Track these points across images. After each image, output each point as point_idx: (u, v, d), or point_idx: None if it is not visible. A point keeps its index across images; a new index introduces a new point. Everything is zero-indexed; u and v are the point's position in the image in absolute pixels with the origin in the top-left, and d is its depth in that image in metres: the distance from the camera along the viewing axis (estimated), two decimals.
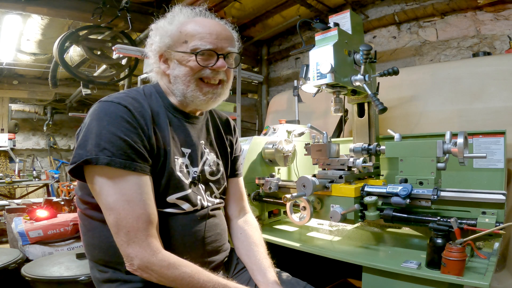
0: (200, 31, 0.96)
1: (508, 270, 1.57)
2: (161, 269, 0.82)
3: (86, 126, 0.84)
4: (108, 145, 0.80)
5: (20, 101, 7.72)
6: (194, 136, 1.04)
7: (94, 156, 0.79)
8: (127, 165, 0.81)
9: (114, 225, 0.81)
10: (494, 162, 1.36)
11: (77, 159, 0.80)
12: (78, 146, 0.82)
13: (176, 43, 0.97)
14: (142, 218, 0.81)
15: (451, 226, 1.00)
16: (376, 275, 1.07)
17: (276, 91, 4.61)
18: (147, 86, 1.03)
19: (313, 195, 1.25)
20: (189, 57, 0.96)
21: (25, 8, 3.09)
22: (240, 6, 3.73)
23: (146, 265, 0.81)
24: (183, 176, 0.96)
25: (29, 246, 2.43)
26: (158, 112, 0.96)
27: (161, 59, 1.00)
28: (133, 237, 0.80)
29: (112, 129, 0.81)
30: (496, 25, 2.71)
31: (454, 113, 1.90)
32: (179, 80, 0.98)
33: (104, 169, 0.80)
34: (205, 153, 1.07)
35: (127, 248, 0.81)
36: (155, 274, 0.82)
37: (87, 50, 3.59)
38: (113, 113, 0.84)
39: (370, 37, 3.52)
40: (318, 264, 1.49)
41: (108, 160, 0.79)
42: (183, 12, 1.01)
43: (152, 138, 0.89)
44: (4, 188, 5.84)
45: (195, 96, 0.98)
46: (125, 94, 0.92)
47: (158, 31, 0.99)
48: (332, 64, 1.21)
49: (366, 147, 1.41)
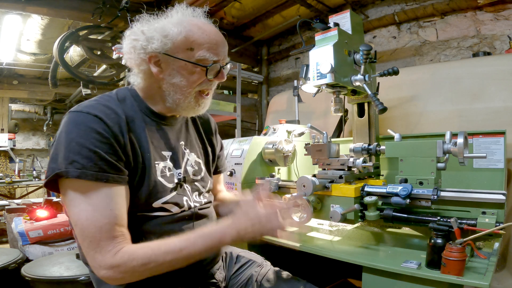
0: (207, 41, 0.92)
1: (508, 270, 1.57)
2: (125, 265, 0.77)
3: (57, 139, 0.82)
4: (77, 158, 0.78)
5: (20, 101, 7.72)
6: (173, 138, 1.03)
7: (64, 170, 0.77)
8: (99, 177, 0.79)
9: (79, 235, 0.80)
10: (494, 162, 1.35)
11: (49, 173, 0.79)
12: (50, 160, 0.81)
13: (178, 49, 0.91)
14: (104, 228, 0.78)
15: (451, 226, 1.00)
16: (376, 275, 1.06)
17: (276, 91, 4.61)
18: (121, 90, 0.98)
19: (313, 195, 1.25)
20: (194, 68, 0.92)
21: (25, 8, 3.09)
22: (240, 6, 3.73)
23: (109, 269, 0.77)
24: (165, 181, 0.95)
25: (29, 246, 2.43)
26: (133, 118, 0.92)
27: (152, 61, 0.93)
28: (94, 247, 0.78)
29: (81, 141, 0.79)
30: (496, 25, 2.71)
31: (454, 113, 1.90)
32: (178, 90, 0.94)
33: (74, 182, 0.79)
34: (186, 154, 1.06)
35: (91, 259, 0.79)
36: (121, 274, 0.78)
37: (87, 50, 3.59)
38: (82, 124, 0.81)
39: (370, 37, 3.52)
40: (318, 264, 1.49)
41: (78, 173, 0.77)
42: (186, 14, 0.96)
43: (127, 146, 0.86)
44: (4, 188, 5.84)
45: (190, 107, 0.97)
46: (96, 102, 0.88)
47: (149, 31, 0.92)
48: (332, 64, 1.21)
49: (366, 147, 1.41)
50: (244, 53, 4.56)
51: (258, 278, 1.12)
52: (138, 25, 0.96)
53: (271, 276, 1.12)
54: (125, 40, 0.96)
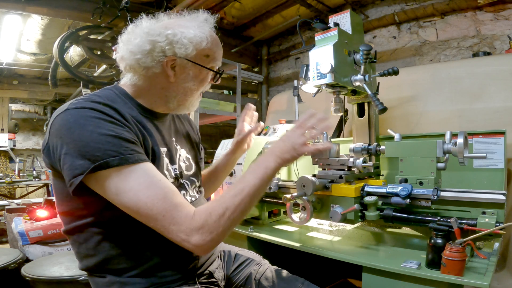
0: (217, 48, 1.00)
1: (508, 270, 1.57)
2: (207, 223, 0.78)
3: (67, 138, 0.78)
4: (108, 146, 0.77)
5: (20, 101, 7.72)
6: (166, 135, 1.04)
7: (102, 161, 0.75)
8: (136, 158, 0.79)
9: (148, 219, 0.78)
10: (494, 162, 1.35)
11: (82, 169, 0.75)
12: (71, 158, 0.76)
13: (199, 55, 0.95)
14: (168, 196, 0.78)
15: (451, 226, 1.00)
16: (376, 275, 1.07)
17: (276, 91, 4.61)
18: (104, 91, 0.93)
19: (313, 195, 1.25)
20: (207, 73, 0.99)
21: (25, 8, 3.09)
22: (240, 6, 3.73)
23: (196, 233, 0.77)
24: (168, 175, 0.97)
25: (29, 246, 2.43)
26: (131, 114, 0.91)
27: (169, 64, 0.92)
28: (170, 220, 0.77)
29: (102, 131, 0.78)
30: (496, 25, 2.71)
31: (454, 113, 1.90)
32: (188, 93, 0.98)
33: (114, 171, 0.77)
34: (178, 150, 1.07)
35: (174, 234, 0.78)
36: (209, 234, 0.78)
37: (87, 50, 3.59)
38: (90, 117, 0.79)
39: (370, 37, 3.52)
40: (318, 264, 1.49)
41: (118, 160, 0.77)
42: (208, 21, 0.98)
43: (139, 135, 0.87)
44: (4, 188, 5.84)
45: (189, 107, 1.03)
46: (86, 99, 0.84)
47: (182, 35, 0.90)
48: (332, 64, 1.21)
49: (366, 147, 1.41)
50: (244, 53, 4.56)
51: (257, 276, 1.12)
52: (155, 24, 0.94)
53: (270, 274, 1.13)
54: (133, 38, 0.91)
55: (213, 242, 0.80)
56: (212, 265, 1.07)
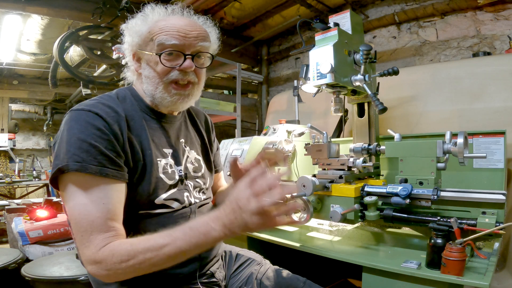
0: (166, 27, 0.92)
1: (508, 270, 1.57)
2: (106, 261, 0.75)
3: (59, 137, 0.83)
4: (77, 151, 0.78)
5: (20, 101, 7.72)
6: (173, 136, 1.04)
7: (65, 164, 0.77)
8: (98, 171, 0.79)
9: (73, 230, 0.79)
10: (494, 162, 1.35)
11: (53, 169, 0.80)
12: (54, 158, 0.82)
13: (144, 43, 0.95)
14: (96, 222, 0.77)
15: (451, 226, 1.00)
16: (376, 275, 1.07)
17: (276, 91, 4.61)
18: (121, 90, 1.00)
19: (313, 195, 1.25)
20: (155, 59, 0.93)
21: (25, 8, 3.09)
22: (240, 6, 3.73)
23: (93, 264, 0.76)
24: (166, 177, 0.96)
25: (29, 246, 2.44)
26: (133, 116, 0.93)
27: (134, 58, 0.99)
28: (85, 241, 0.76)
29: (81, 136, 0.80)
30: (496, 25, 2.71)
31: (454, 113, 1.90)
32: (149, 81, 0.96)
33: (74, 176, 0.78)
34: (186, 151, 1.07)
35: (81, 253, 0.78)
36: (105, 271, 0.75)
37: (87, 50, 3.59)
38: (83, 120, 0.82)
39: (370, 37, 3.52)
40: (318, 264, 1.49)
41: (78, 166, 0.77)
42: (156, 11, 0.98)
43: (126, 145, 0.87)
44: (4, 188, 5.84)
45: (162, 98, 0.96)
46: (96, 101, 0.89)
47: (128, 30, 0.98)
48: (332, 64, 1.21)
49: (366, 147, 1.41)
50: (244, 53, 4.56)
51: (258, 276, 1.12)
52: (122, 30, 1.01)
53: (271, 274, 1.13)
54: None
55: (110, 278, 0.77)
56: (213, 266, 1.07)
